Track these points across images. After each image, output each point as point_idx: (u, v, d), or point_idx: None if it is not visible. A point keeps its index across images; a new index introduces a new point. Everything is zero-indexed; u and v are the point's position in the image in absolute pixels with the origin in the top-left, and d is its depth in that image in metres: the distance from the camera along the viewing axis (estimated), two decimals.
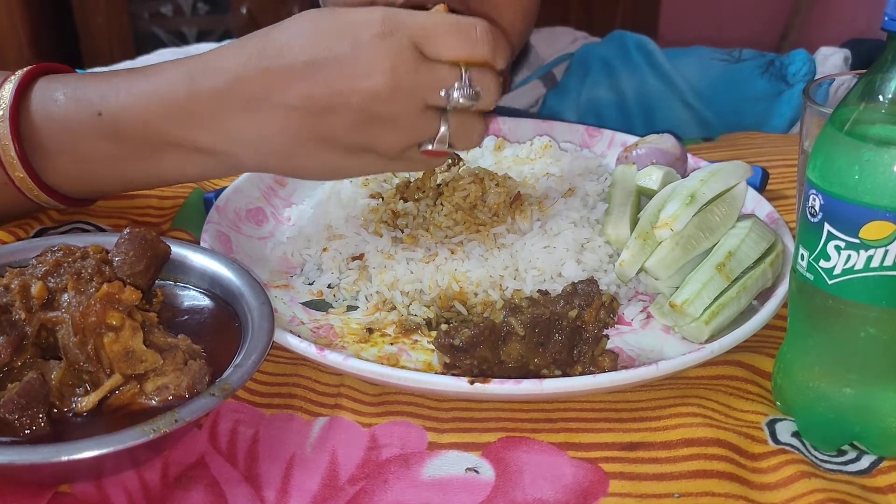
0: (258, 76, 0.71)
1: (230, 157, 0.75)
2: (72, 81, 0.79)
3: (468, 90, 0.71)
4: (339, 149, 0.72)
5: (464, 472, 0.61)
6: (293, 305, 0.80)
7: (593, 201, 0.87)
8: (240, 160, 0.75)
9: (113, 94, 0.76)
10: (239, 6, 2.50)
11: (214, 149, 0.74)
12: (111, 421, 0.59)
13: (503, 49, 0.73)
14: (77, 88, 0.78)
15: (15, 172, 0.77)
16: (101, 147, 0.77)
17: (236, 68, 0.72)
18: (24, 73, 0.79)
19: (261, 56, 0.71)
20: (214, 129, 0.73)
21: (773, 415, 0.67)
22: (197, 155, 0.75)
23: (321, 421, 0.66)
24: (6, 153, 0.76)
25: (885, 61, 0.58)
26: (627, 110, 1.27)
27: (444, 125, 0.73)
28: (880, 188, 0.56)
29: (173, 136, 0.74)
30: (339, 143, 0.72)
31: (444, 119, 0.73)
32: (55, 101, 0.77)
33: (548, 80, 1.28)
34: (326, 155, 0.73)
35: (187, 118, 0.73)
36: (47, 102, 0.77)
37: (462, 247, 0.81)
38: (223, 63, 0.73)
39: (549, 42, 1.36)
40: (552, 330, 0.69)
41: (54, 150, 0.78)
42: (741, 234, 0.77)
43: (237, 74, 0.71)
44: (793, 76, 1.25)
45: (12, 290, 0.63)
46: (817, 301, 0.61)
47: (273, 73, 0.70)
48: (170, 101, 0.74)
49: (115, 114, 0.75)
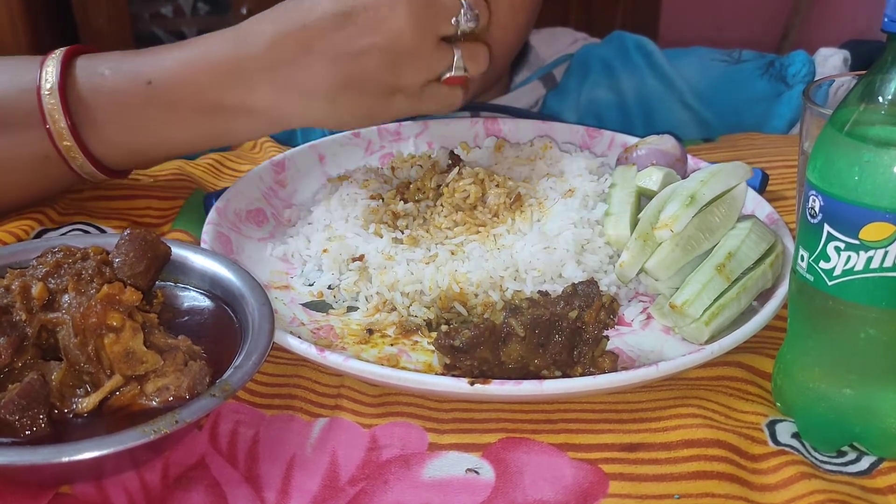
0: (297, 32, 0.80)
1: (278, 113, 0.83)
2: (114, 57, 0.85)
3: (471, 13, 0.84)
4: (374, 92, 0.82)
5: (464, 472, 0.61)
6: (293, 306, 0.80)
7: (593, 202, 0.87)
8: (287, 115, 0.83)
9: (161, 64, 0.83)
10: (239, 6, 2.50)
11: (263, 106, 0.82)
12: (111, 422, 0.59)
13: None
14: (122, 62, 0.84)
15: (63, 142, 0.83)
16: (152, 115, 0.83)
17: (275, 28, 0.80)
18: (65, 51, 0.84)
19: (296, 14, 0.80)
20: (263, 87, 0.81)
21: (773, 416, 0.67)
22: (245, 115, 0.83)
23: (321, 422, 0.66)
24: (56, 124, 0.82)
25: (884, 62, 0.58)
26: (627, 111, 1.27)
27: (457, 52, 0.84)
28: (880, 189, 0.56)
29: (225, 98, 0.82)
30: (373, 85, 0.81)
31: (456, 48, 0.84)
32: (101, 74, 0.83)
33: (548, 81, 1.28)
34: (364, 98, 0.82)
35: (237, 80, 0.81)
36: (93, 77, 0.83)
37: (462, 248, 0.81)
38: (263, 27, 0.81)
39: (548, 43, 1.36)
40: (552, 331, 0.69)
41: (103, 120, 0.83)
42: (741, 235, 0.77)
43: (277, 33, 0.80)
44: (792, 77, 1.25)
45: (13, 291, 0.63)
46: (817, 302, 0.61)
47: (309, 27, 0.80)
48: (218, 65, 0.82)
49: (166, 81, 0.82)
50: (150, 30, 2.55)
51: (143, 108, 0.83)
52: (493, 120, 1.06)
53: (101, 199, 0.93)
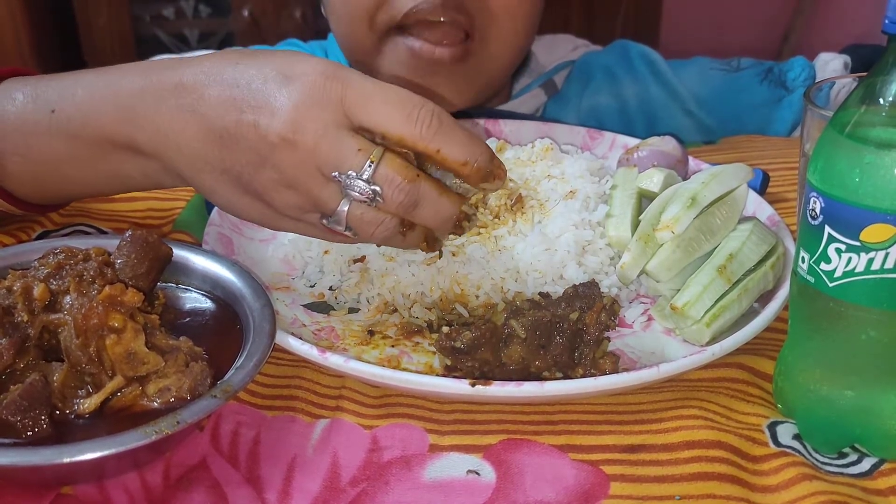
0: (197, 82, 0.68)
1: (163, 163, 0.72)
2: (37, 82, 0.77)
3: (362, 184, 0.64)
4: (236, 184, 0.68)
5: (465, 474, 0.61)
6: (294, 307, 0.80)
7: (594, 204, 0.87)
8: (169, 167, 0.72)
9: (70, 91, 0.75)
10: (240, 8, 2.51)
11: (151, 151, 0.71)
12: (113, 423, 0.59)
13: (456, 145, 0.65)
14: (38, 88, 0.77)
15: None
16: (53, 147, 0.75)
17: (184, 71, 0.69)
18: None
19: (211, 66, 0.69)
20: (151, 129, 0.70)
21: (774, 417, 0.67)
22: (137, 157, 0.73)
23: (322, 423, 0.66)
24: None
25: (885, 64, 0.58)
26: (629, 117, 1.27)
27: (344, 205, 0.66)
28: (881, 191, 0.56)
29: (115, 134, 0.72)
30: (238, 177, 0.68)
31: (347, 199, 0.66)
32: (13, 100, 0.76)
33: (549, 88, 1.28)
34: (225, 185, 0.69)
35: (130, 116, 0.71)
36: (5, 102, 0.76)
37: (463, 249, 0.81)
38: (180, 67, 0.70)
39: (549, 49, 1.36)
40: (553, 332, 0.69)
41: (7, 150, 0.76)
42: (742, 237, 0.77)
43: (182, 77, 0.69)
44: (792, 81, 1.26)
45: (15, 293, 0.63)
46: (818, 304, 0.61)
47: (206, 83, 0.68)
48: (118, 98, 0.72)
49: (67, 110, 0.74)
50: (152, 31, 2.56)
51: (45, 138, 0.75)
52: (494, 122, 1.07)
53: (102, 201, 0.93)
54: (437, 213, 0.68)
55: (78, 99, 0.74)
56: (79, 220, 0.89)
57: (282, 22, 2.48)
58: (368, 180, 0.64)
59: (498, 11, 1.01)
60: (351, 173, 0.64)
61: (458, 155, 0.66)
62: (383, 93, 0.65)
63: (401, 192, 0.65)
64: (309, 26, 2.49)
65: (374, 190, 0.64)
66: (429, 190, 0.66)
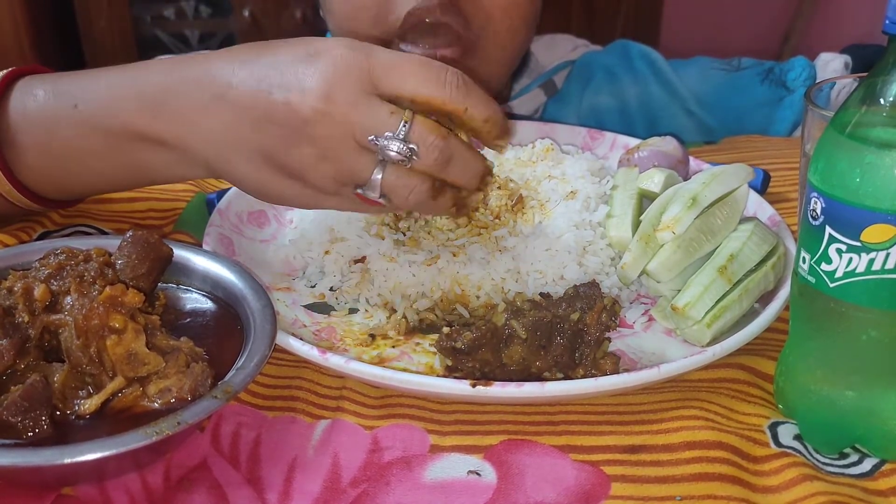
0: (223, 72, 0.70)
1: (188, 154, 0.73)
2: (57, 79, 0.79)
3: (400, 144, 0.66)
4: (270, 166, 0.70)
5: (466, 474, 0.61)
6: (295, 308, 0.80)
7: (595, 204, 0.87)
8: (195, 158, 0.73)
9: (92, 86, 0.77)
10: (241, 9, 2.51)
11: (175, 142, 0.73)
12: (114, 423, 0.59)
13: (480, 103, 0.69)
14: (59, 84, 0.78)
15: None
16: (75, 140, 0.77)
17: (209, 64, 0.71)
18: (6, 73, 0.79)
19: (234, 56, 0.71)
20: (178, 120, 0.72)
21: (775, 418, 0.67)
22: (161, 148, 0.74)
23: (323, 423, 0.66)
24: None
25: (886, 64, 0.58)
26: (629, 117, 1.27)
27: (378, 172, 0.68)
28: (882, 191, 0.56)
29: (140, 126, 0.73)
30: (272, 159, 0.69)
31: (381, 166, 0.68)
32: (35, 96, 0.78)
33: (548, 88, 1.28)
34: (258, 169, 0.70)
35: (155, 109, 0.73)
36: (26, 98, 0.78)
37: (464, 249, 0.81)
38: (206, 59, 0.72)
39: (549, 49, 1.36)
40: (554, 333, 0.69)
41: (28, 144, 0.78)
42: (743, 237, 0.77)
43: (206, 69, 0.71)
44: (793, 81, 1.26)
45: (15, 293, 0.63)
46: (819, 304, 0.61)
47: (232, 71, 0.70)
48: (143, 92, 0.74)
49: (91, 104, 0.76)
50: (153, 32, 2.56)
51: (67, 132, 0.76)
52: None
53: (103, 202, 0.93)
54: (467, 168, 0.71)
55: (101, 93, 0.76)
56: (79, 221, 0.89)
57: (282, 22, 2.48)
58: (405, 139, 0.66)
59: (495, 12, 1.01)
60: (388, 134, 0.66)
61: (482, 112, 0.70)
62: (408, 61, 0.68)
63: (435, 148, 0.67)
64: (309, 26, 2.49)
65: (410, 148, 0.67)
66: (458, 146, 0.70)
